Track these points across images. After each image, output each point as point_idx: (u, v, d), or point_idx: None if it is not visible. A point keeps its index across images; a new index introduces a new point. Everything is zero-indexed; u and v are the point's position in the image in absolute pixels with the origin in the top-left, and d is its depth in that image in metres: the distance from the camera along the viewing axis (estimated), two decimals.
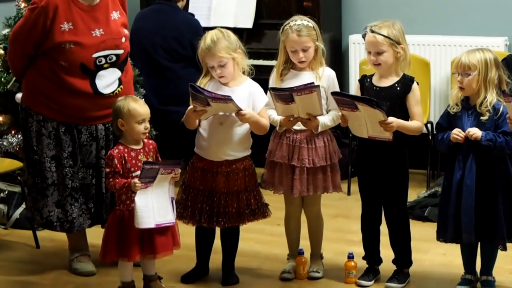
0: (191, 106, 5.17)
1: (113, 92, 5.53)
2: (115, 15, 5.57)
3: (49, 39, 5.38)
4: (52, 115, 5.50)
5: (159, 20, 6.44)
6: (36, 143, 5.53)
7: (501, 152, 4.77)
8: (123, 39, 5.57)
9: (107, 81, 5.53)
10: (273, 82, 5.29)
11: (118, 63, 5.56)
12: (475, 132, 4.74)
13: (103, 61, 5.47)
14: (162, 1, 6.85)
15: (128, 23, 5.79)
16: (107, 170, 5.13)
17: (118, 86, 5.56)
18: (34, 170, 5.59)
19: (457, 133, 4.82)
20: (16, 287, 5.54)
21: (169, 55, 6.42)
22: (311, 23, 5.27)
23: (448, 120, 5.01)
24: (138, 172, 4.96)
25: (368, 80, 5.24)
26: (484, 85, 4.82)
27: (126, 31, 5.63)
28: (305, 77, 5.18)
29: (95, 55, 5.44)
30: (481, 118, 4.82)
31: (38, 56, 5.47)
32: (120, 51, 5.54)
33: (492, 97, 4.80)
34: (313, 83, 5.06)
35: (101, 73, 5.49)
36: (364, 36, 5.15)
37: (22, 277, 5.67)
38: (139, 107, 5.11)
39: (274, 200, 5.46)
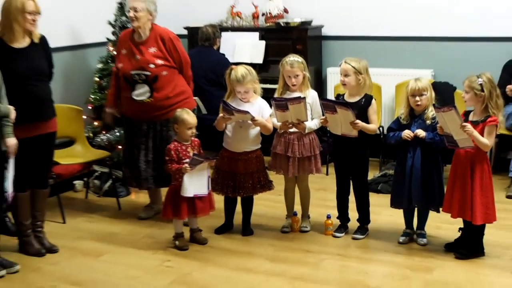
0: (221, 115, 5.18)
1: (142, 100, 5.56)
2: (152, 49, 5.59)
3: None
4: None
5: (201, 58, 6.44)
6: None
7: (437, 146, 4.81)
8: (152, 65, 5.54)
9: (139, 92, 5.56)
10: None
11: (148, 81, 5.55)
12: (421, 133, 4.81)
13: (137, 78, 5.54)
14: (203, 45, 6.84)
15: (178, 56, 5.68)
16: (166, 158, 5.18)
17: (148, 98, 5.55)
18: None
19: (408, 133, 4.86)
20: (104, 235, 5.55)
21: (207, 81, 6.43)
22: (300, 59, 5.27)
23: (398, 126, 5.02)
24: (187, 160, 5.01)
25: (342, 97, 5.26)
26: (430, 102, 4.90)
27: (158, 61, 5.56)
28: (295, 95, 5.16)
29: (131, 72, 5.54)
30: (427, 122, 4.86)
31: None
32: (148, 73, 5.53)
33: (432, 109, 4.84)
34: (300, 96, 5.10)
35: (137, 87, 5.56)
36: (340, 65, 5.16)
37: (108, 228, 5.71)
38: (190, 118, 5.15)
39: (276, 178, 5.46)
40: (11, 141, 4.72)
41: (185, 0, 8.08)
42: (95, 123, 6.64)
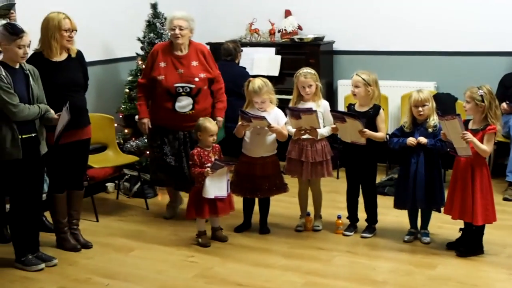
0: (240, 123, 5.21)
1: (185, 112, 5.55)
2: (195, 63, 5.60)
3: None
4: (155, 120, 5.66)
5: (223, 71, 6.42)
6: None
7: (438, 151, 4.84)
8: (197, 79, 5.54)
9: (182, 104, 5.53)
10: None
11: (191, 94, 5.54)
12: (424, 140, 4.83)
13: (181, 91, 5.52)
14: (226, 60, 6.83)
15: (214, 70, 5.72)
16: (190, 163, 5.22)
17: (190, 110, 5.54)
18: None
19: (412, 140, 4.87)
20: (133, 232, 5.59)
21: (229, 92, 6.43)
22: (313, 71, 5.29)
23: (401, 133, 5.03)
24: (209, 164, 5.04)
25: (352, 106, 5.27)
26: (432, 111, 4.92)
27: (202, 75, 5.58)
28: (309, 105, 5.19)
29: (175, 85, 5.52)
30: (428, 130, 4.87)
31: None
32: (193, 86, 5.53)
33: (435, 117, 4.87)
34: (311, 108, 5.12)
35: (179, 99, 5.53)
36: (352, 77, 5.18)
37: (137, 227, 5.74)
38: (211, 126, 5.17)
39: (291, 181, 5.48)
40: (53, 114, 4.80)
41: (207, 18, 8.07)
42: (125, 131, 6.66)
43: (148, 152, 6.08)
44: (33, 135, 4.73)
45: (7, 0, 5.90)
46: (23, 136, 4.66)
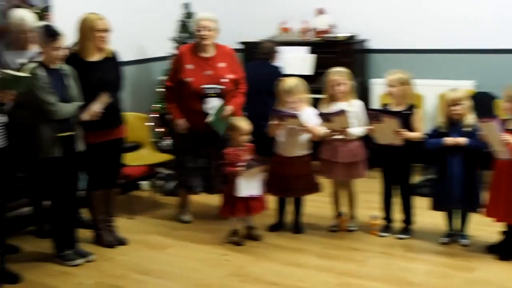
0: (273, 121, 5.23)
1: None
2: (222, 64, 5.61)
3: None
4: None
5: (258, 69, 6.44)
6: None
7: (477, 151, 4.76)
8: (225, 80, 5.55)
9: (211, 106, 5.52)
10: (321, 107, 5.29)
11: (220, 95, 5.55)
12: (462, 140, 4.77)
13: (210, 92, 5.52)
14: (261, 58, 6.84)
15: (240, 71, 5.77)
16: (223, 162, 5.22)
17: None
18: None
19: (449, 139, 4.82)
20: (167, 230, 5.65)
21: (263, 91, 6.41)
22: (344, 69, 5.31)
23: (437, 133, 4.99)
24: (242, 163, 5.06)
25: (387, 106, 5.25)
26: (467, 111, 4.87)
27: (229, 76, 5.60)
28: (341, 106, 5.16)
29: (203, 87, 5.52)
30: (465, 130, 4.82)
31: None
32: (222, 87, 5.55)
33: (471, 117, 4.85)
34: (342, 110, 5.08)
35: (208, 101, 5.53)
36: (386, 76, 5.17)
37: (171, 224, 5.80)
38: (244, 125, 5.22)
39: (325, 181, 5.48)
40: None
41: (238, 17, 8.10)
42: (159, 130, 6.72)
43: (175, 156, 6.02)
44: (70, 133, 4.80)
45: (44, 2, 6.03)
46: (61, 134, 4.74)
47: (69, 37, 5.00)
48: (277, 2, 7.95)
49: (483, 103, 5.98)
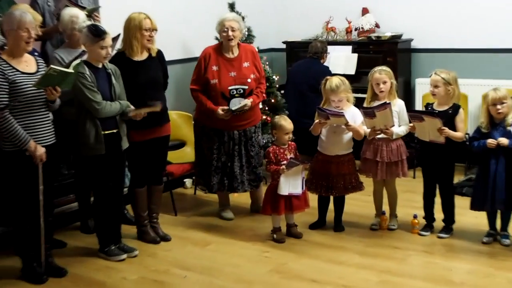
0: (317, 120, 5.23)
1: (239, 113, 5.56)
2: (246, 64, 5.64)
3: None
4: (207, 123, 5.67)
5: (307, 67, 6.45)
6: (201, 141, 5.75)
7: None
8: (249, 80, 5.60)
9: (237, 105, 5.55)
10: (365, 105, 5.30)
11: (245, 95, 5.60)
12: (504, 141, 4.74)
13: (235, 92, 5.58)
14: (311, 57, 6.83)
15: (261, 70, 5.78)
16: (266, 160, 5.28)
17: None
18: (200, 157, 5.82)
19: (492, 142, 4.79)
20: (210, 227, 5.69)
21: (309, 88, 6.43)
22: (387, 68, 5.30)
23: (480, 134, 4.96)
24: (284, 162, 5.08)
25: (431, 106, 5.22)
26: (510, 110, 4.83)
27: (253, 75, 5.63)
28: (382, 102, 5.14)
29: (229, 88, 5.57)
30: (507, 129, 4.79)
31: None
32: (246, 87, 5.60)
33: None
34: (386, 102, 5.08)
35: (233, 101, 5.57)
36: (430, 76, 5.16)
37: (214, 221, 5.85)
38: (287, 124, 5.22)
39: (366, 180, 5.48)
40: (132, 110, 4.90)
41: (283, 17, 8.16)
42: None
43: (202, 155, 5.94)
44: (114, 131, 4.86)
45: (93, 3, 6.16)
46: (106, 132, 4.80)
47: (116, 36, 5.13)
48: (321, 1, 7.96)
49: None
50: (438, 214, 5.33)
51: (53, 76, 4.43)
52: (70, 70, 4.59)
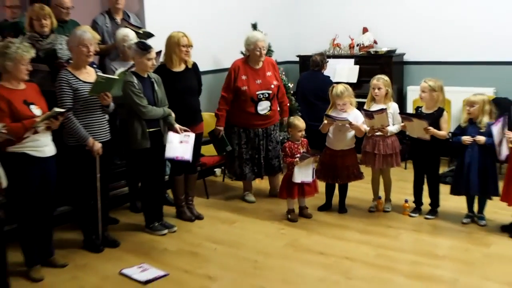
0: (325, 121, 5.23)
1: (264, 114, 5.63)
2: (269, 73, 5.65)
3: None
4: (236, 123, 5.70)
5: (312, 79, 6.41)
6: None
7: (492, 147, 4.70)
8: (272, 86, 5.62)
9: (263, 107, 5.62)
10: (365, 107, 5.29)
11: (269, 98, 5.62)
12: (482, 139, 4.75)
13: (261, 96, 5.60)
14: (313, 70, 6.84)
15: (280, 78, 5.83)
16: (283, 153, 5.30)
17: (268, 111, 5.65)
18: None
19: (467, 139, 4.81)
20: (236, 208, 5.69)
21: (315, 96, 6.44)
22: (385, 77, 5.30)
23: (459, 130, 4.97)
24: (298, 155, 5.08)
25: (420, 109, 5.21)
26: (482, 112, 4.81)
27: (275, 82, 5.66)
28: (380, 107, 5.18)
29: (256, 93, 5.59)
30: (480, 130, 4.79)
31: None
32: (270, 91, 5.61)
33: (486, 118, 4.79)
34: (383, 108, 5.10)
35: (260, 103, 5.61)
36: (420, 83, 5.14)
37: (239, 204, 5.83)
38: (300, 123, 5.24)
39: (366, 170, 5.47)
40: (177, 126, 4.94)
41: (297, 34, 8.13)
42: None
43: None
44: (157, 129, 4.89)
45: (140, 24, 6.19)
46: (150, 130, 4.83)
47: (158, 51, 5.16)
48: (328, 21, 7.94)
49: (502, 107, 5.90)
50: (426, 199, 5.32)
51: (102, 83, 4.44)
52: (115, 76, 4.62)
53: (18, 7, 6.07)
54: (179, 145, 4.95)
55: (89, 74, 4.60)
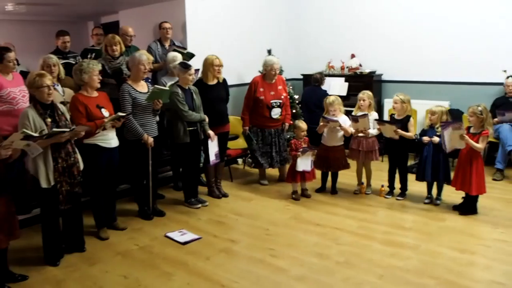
0: (321, 123, 5.18)
1: (276, 117, 5.56)
2: (280, 87, 5.60)
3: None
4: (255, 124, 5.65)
5: (313, 93, 6.35)
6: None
7: (442, 145, 4.66)
8: (282, 96, 5.57)
9: (275, 112, 5.55)
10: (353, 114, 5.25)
11: (280, 106, 5.57)
12: (436, 139, 4.71)
13: (274, 104, 5.55)
14: (314, 85, 6.74)
15: (287, 91, 5.76)
16: (289, 148, 5.26)
17: (279, 115, 5.58)
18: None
19: (425, 139, 4.79)
20: (253, 189, 5.63)
21: (315, 106, 6.36)
22: (369, 92, 5.27)
23: (423, 132, 4.93)
24: (300, 149, 5.05)
25: (393, 116, 5.16)
26: (440, 120, 4.77)
27: (284, 94, 5.60)
28: (363, 113, 5.13)
29: (271, 101, 5.54)
30: (436, 132, 4.76)
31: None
32: (280, 101, 5.56)
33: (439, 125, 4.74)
34: (364, 114, 5.07)
35: (273, 110, 5.55)
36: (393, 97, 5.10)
37: (255, 186, 5.78)
38: (302, 125, 5.22)
39: (352, 162, 5.41)
40: (210, 132, 4.94)
41: (300, 57, 8.09)
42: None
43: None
44: (195, 128, 4.89)
45: (183, 45, 6.21)
46: (189, 128, 4.84)
47: (197, 69, 5.18)
48: (325, 48, 7.89)
49: (455, 115, 5.85)
50: (397, 184, 5.29)
51: (156, 93, 4.47)
52: (166, 88, 4.64)
53: (101, 35, 6.13)
54: (213, 153, 5.05)
55: (143, 87, 4.62)
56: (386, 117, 6.89)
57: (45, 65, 4.48)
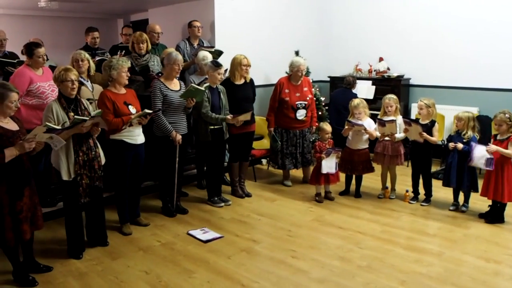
0: (346, 126, 5.16)
1: (301, 119, 5.53)
2: (305, 88, 5.58)
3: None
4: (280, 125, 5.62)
5: (343, 95, 6.29)
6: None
7: (467, 153, 4.60)
8: (307, 98, 5.54)
9: (300, 114, 5.52)
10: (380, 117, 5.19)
11: (305, 107, 5.55)
12: (460, 146, 4.63)
13: (300, 106, 5.52)
14: (346, 87, 6.59)
15: (312, 93, 5.71)
16: (313, 150, 5.23)
17: (304, 117, 5.55)
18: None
19: (451, 145, 4.70)
20: (276, 190, 5.62)
21: (344, 108, 6.29)
22: (395, 96, 5.18)
23: (450, 137, 4.85)
24: (325, 151, 5.02)
25: (418, 120, 5.04)
26: (467, 126, 4.69)
27: (309, 96, 5.57)
28: (391, 118, 5.06)
29: (296, 103, 5.52)
30: (463, 140, 4.67)
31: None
32: (306, 102, 5.53)
33: (470, 131, 4.67)
34: (392, 119, 5.01)
35: (298, 111, 5.53)
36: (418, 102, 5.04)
37: (279, 186, 5.76)
38: (327, 127, 5.19)
39: (377, 166, 5.37)
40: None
41: (329, 60, 8.05)
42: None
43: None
44: (220, 127, 4.89)
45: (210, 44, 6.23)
46: (211, 127, 4.84)
47: (226, 69, 5.16)
48: (353, 51, 7.82)
49: (484, 122, 5.73)
50: (422, 190, 5.21)
51: (192, 91, 4.51)
52: (202, 88, 4.66)
53: (130, 35, 6.22)
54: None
55: (176, 85, 4.66)
56: None
57: (73, 60, 4.56)
